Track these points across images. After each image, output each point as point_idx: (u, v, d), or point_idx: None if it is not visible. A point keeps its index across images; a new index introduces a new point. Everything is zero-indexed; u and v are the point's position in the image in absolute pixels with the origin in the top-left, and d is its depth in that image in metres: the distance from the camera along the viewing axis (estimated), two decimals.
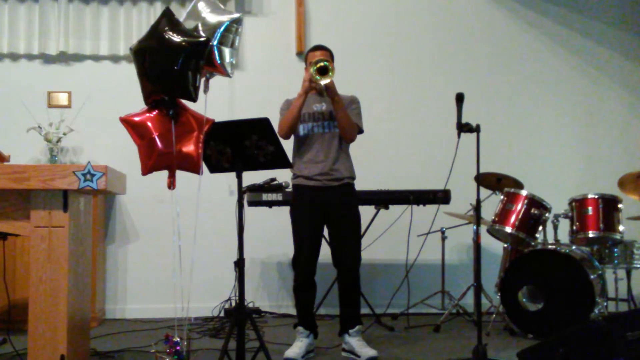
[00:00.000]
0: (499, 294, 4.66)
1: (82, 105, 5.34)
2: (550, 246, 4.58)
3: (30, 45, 5.44)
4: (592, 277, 4.33)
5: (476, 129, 3.65)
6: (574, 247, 4.63)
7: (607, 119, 5.98)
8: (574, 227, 4.73)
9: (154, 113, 2.96)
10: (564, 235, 4.81)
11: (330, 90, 3.92)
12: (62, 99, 5.49)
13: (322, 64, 3.88)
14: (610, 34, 6.03)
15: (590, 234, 4.64)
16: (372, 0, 5.86)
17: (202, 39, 2.91)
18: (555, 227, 4.75)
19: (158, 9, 5.40)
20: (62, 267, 2.83)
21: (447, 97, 4.36)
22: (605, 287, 4.61)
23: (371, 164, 5.36)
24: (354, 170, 4.15)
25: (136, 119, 2.97)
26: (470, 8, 5.93)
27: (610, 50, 6.02)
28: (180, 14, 3.29)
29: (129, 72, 3.31)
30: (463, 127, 3.65)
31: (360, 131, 4.13)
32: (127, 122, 2.97)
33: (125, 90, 4.95)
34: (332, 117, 4.03)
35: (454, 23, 5.92)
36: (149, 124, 2.94)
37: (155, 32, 2.91)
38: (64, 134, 5.27)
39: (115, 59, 5.57)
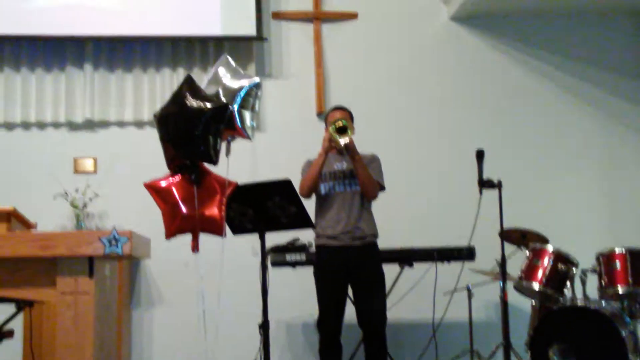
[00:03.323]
0: (529, 353, 4.55)
1: (108, 170, 5.41)
2: (579, 302, 4.49)
3: (57, 113, 5.54)
4: (624, 333, 4.23)
5: (498, 185, 3.66)
6: (603, 303, 4.53)
7: (630, 170, 5.93)
8: (603, 282, 4.64)
9: (178, 178, 3.02)
10: (592, 291, 4.72)
11: (350, 149, 3.95)
12: (88, 165, 5.58)
13: (341, 123, 3.93)
14: (627, 85, 6.03)
15: (620, 289, 4.54)
16: (390, 60, 5.94)
17: (221, 104, 2.97)
18: (584, 283, 4.65)
19: (181, 75, 5.51)
20: (88, 333, 2.84)
21: (468, 152, 4.37)
22: (638, 343, 4.49)
23: (393, 221, 5.32)
24: (376, 228, 4.15)
25: (160, 184, 3.02)
26: (487, 65, 5.98)
27: (628, 102, 6.01)
28: (202, 80, 3.38)
29: (153, 137, 3.37)
30: (485, 184, 3.66)
31: (382, 188, 4.15)
32: (151, 187, 3.02)
33: (149, 155, 4.98)
34: (353, 175, 4.05)
35: (473, 81, 5.96)
36: (173, 188, 2.99)
37: (177, 99, 2.99)
38: (90, 200, 5.33)
39: (139, 124, 5.66)
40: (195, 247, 3.05)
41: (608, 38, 6.12)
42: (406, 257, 4.88)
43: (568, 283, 4.64)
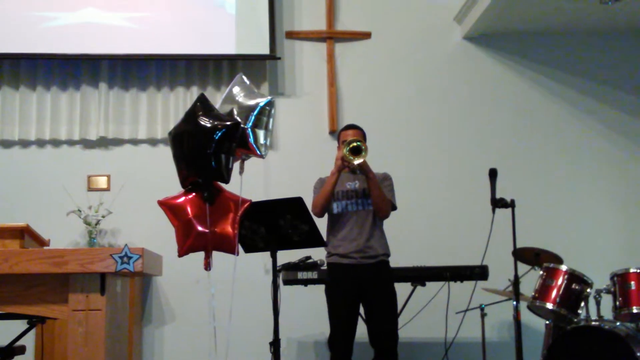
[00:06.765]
0: None
1: (121, 188, 5.44)
2: (593, 323, 4.45)
3: (72, 131, 5.59)
4: (638, 354, 4.18)
5: (511, 204, 3.65)
6: (618, 324, 4.48)
7: None
8: (617, 303, 4.60)
9: (191, 195, 3.03)
10: (607, 311, 4.68)
11: (364, 168, 3.96)
12: (102, 182, 5.61)
13: (355, 144, 3.93)
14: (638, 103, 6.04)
15: (635, 310, 4.48)
16: (402, 79, 5.96)
17: (233, 122, 2.99)
18: (598, 303, 4.61)
19: (194, 94, 5.53)
20: (99, 350, 2.84)
21: (481, 171, 4.36)
22: None
23: (406, 240, 5.31)
24: (388, 247, 4.14)
25: (174, 201, 3.03)
26: (500, 84, 5.99)
27: None
28: (216, 99, 3.41)
29: (166, 155, 3.39)
30: (497, 203, 3.65)
31: (394, 207, 4.14)
32: (165, 205, 3.03)
33: (162, 173, 5.03)
34: (365, 195, 4.06)
35: (485, 99, 5.96)
36: (187, 206, 3.00)
37: (190, 117, 3.02)
38: (103, 217, 5.36)
39: (153, 142, 5.69)
40: (207, 265, 3.05)
41: (619, 56, 6.13)
42: (418, 276, 4.85)
43: (582, 303, 4.59)
